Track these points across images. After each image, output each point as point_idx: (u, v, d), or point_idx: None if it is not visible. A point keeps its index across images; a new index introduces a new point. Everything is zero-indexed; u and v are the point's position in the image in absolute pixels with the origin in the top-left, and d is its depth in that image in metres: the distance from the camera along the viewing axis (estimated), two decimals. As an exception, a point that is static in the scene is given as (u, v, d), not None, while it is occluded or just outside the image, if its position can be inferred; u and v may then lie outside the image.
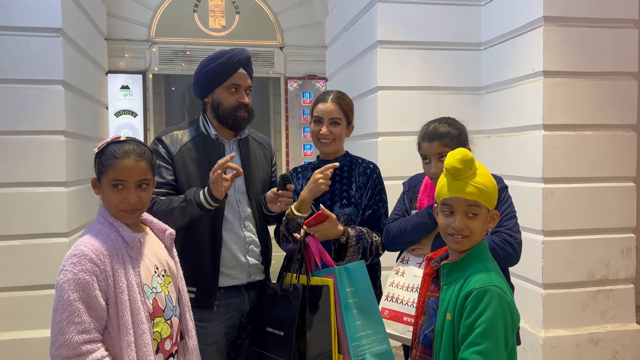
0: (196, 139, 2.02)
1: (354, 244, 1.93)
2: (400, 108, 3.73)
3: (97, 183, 1.49)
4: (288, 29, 7.50)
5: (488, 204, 1.43)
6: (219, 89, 2.01)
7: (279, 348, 1.75)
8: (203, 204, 1.83)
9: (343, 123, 2.09)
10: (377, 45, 3.72)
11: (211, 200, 1.83)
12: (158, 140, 2.02)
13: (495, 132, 3.69)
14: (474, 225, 1.42)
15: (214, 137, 2.03)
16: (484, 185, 1.42)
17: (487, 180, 1.43)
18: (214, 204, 1.84)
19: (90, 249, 1.37)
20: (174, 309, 1.55)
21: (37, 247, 3.31)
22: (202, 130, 2.05)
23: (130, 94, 7.28)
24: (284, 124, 7.60)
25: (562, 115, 3.19)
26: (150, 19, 7.20)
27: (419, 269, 1.96)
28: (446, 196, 1.44)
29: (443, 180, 1.47)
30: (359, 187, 2.08)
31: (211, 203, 1.84)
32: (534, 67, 3.23)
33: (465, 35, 3.79)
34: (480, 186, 1.41)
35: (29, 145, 3.28)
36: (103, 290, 1.37)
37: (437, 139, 1.92)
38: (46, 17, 3.28)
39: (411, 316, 1.88)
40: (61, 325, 1.31)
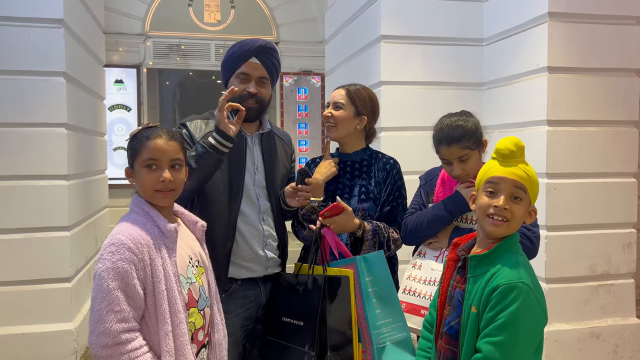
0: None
1: (370, 238, 1.93)
2: (403, 103, 3.74)
3: (129, 171, 1.49)
4: (283, 24, 7.47)
5: (532, 194, 1.42)
6: (232, 78, 2.02)
7: (299, 338, 1.76)
8: (214, 145, 1.81)
9: (348, 110, 2.06)
10: (380, 39, 3.72)
11: (221, 137, 1.81)
12: (182, 125, 1.99)
13: (497, 127, 3.71)
14: (517, 210, 1.39)
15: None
16: (532, 174, 1.42)
17: (533, 172, 1.43)
18: (224, 142, 1.81)
19: (128, 238, 1.36)
20: (206, 300, 1.55)
21: (38, 241, 3.26)
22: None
23: (124, 88, 7.23)
24: (279, 119, 7.58)
25: (566, 111, 3.21)
26: (144, 13, 7.13)
27: (436, 263, 1.96)
28: (494, 175, 1.42)
29: (490, 162, 1.46)
30: (377, 182, 2.07)
31: (221, 141, 1.81)
32: (538, 62, 3.25)
33: (469, 30, 3.81)
34: (529, 173, 1.41)
35: (30, 137, 3.23)
36: (141, 279, 1.36)
37: (455, 142, 1.89)
38: (48, 7, 3.23)
39: (428, 309, 1.89)
40: (101, 314, 1.31)
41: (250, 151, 2.02)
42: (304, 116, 7.65)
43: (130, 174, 1.50)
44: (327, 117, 2.09)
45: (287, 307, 1.87)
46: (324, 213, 1.84)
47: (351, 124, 2.08)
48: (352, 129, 2.10)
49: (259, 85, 2.00)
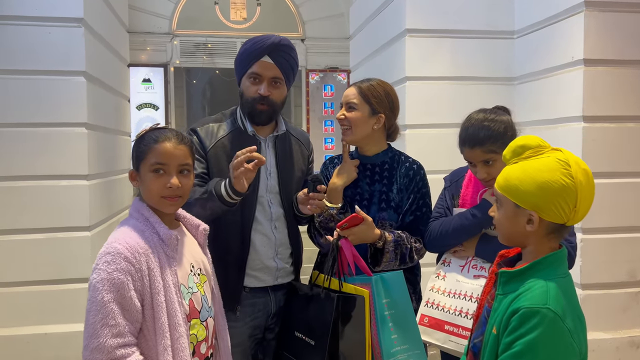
0: (232, 134, 1.89)
1: (391, 250, 1.80)
2: (429, 99, 3.59)
3: (134, 173, 1.41)
4: (309, 21, 7.39)
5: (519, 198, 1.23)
6: (243, 77, 1.89)
7: (310, 357, 1.65)
8: (224, 197, 1.69)
9: (362, 109, 1.89)
10: (405, 34, 3.59)
11: (233, 193, 1.69)
12: (193, 130, 1.89)
13: (530, 124, 3.53)
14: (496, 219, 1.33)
15: (251, 134, 1.90)
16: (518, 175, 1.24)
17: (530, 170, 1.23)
18: (235, 197, 1.70)
19: (125, 247, 1.29)
20: (209, 310, 1.46)
21: (59, 241, 3.26)
22: (238, 124, 1.91)
23: (151, 87, 7.28)
24: (305, 117, 7.51)
25: (603, 107, 3.02)
26: (171, 12, 7.15)
27: (461, 274, 1.82)
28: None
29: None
30: (400, 189, 1.91)
31: (232, 197, 1.69)
32: (573, 55, 3.07)
33: (499, 22, 3.63)
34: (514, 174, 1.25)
35: (51, 137, 3.22)
36: (138, 291, 1.28)
37: (478, 145, 1.75)
38: (68, 6, 3.21)
39: (453, 325, 1.75)
40: (95, 328, 1.23)
41: (263, 155, 1.91)
42: (330, 113, 7.56)
43: (135, 177, 1.42)
44: (340, 120, 1.95)
45: (300, 321, 1.76)
46: (342, 224, 1.71)
47: (367, 125, 1.91)
48: (369, 130, 1.93)
49: (271, 87, 1.86)
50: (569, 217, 1.21)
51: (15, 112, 3.18)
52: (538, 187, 1.20)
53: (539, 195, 1.20)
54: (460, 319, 1.75)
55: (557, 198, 1.19)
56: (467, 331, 1.72)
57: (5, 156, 3.18)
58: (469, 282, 1.79)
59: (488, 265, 1.80)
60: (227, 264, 1.82)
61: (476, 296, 1.75)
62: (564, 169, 1.20)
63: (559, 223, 1.22)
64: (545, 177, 1.19)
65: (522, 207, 1.23)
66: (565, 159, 1.22)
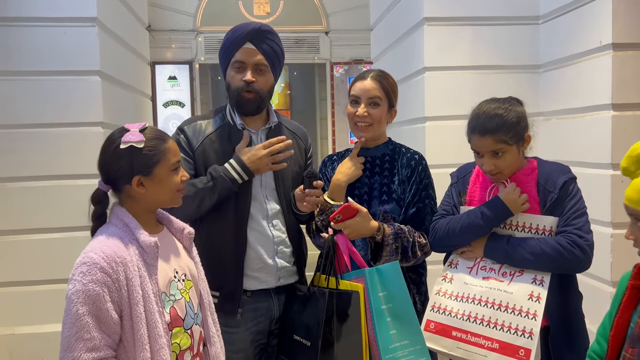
0: (221, 129, 1.85)
1: (390, 242, 1.71)
2: (450, 90, 3.46)
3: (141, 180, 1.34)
4: (333, 13, 7.29)
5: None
6: (228, 68, 1.84)
7: (306, 358, 1.58)
8: (236, 179, 1.73)
9: (384, 105, 1.85)
10: (423, 22, 3.46)
11: (246, 175, 1.73)
12: (180, 130, 1.86)
13: (555, 114, 3.36)
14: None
15: (240, 127, 1.85)
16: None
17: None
18: (247, 178, 1.74)
19: (101, 257, 1.24)
20: (195, 317, 1.41)
21: (76, 240, 3.28)
22: (227, 120, 1.87)
23: (177, 84, 7.35)
24: (330, 111, 7.43)
25: (634, 93, 2.83)
26: (195, 9, 7.18)
27: (469, 276, 1.71)
28: None
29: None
30: (401, 180, 1.84)
31: (244, 178, 1.73)
32: (601, 39, 2.89)
33: (522, 7, 3.46)
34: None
35: (67, 137, 3.24)
36: (116, 302, 1.24)
37: (490, 133, 1.64)
38: (82, 6, 3.23)
39: (461, 330, 1.64)
40: (69, 342, 1.21)
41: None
42: (351, 106, 7.46)
43: (141, 183, 1.35)
44: (362, 117, 1.84)
45: (299, 324, 1.70)
46: (335, 216, 1.64)
47: (385, 120, 1.88)
48: (385, 125, 1.90)
49: (255, 73, 1.79)
50: None
51: (31, 112, 3.22)
52: None
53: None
54: (469, 324, 1.64)
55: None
56: (476, 337, 1.62)
57: (22, 156, 3.23)
58: (478, 284, 1.68)
59: (497, 266, 1.69)
60: (223, 264, 1.76)
61: (485, 299, 1.64)
62: None
63: None
64: None
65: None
66: None
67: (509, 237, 1.68)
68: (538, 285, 1.60)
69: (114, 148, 1.33)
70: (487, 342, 1.59)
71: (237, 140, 1.83)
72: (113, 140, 1.35)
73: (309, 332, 1.62)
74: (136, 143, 1.32)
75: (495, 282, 1.66)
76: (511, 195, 1.66)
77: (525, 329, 1.55)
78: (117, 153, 1.32)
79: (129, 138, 1.32)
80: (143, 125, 1.36)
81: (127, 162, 1.32)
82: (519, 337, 1.55)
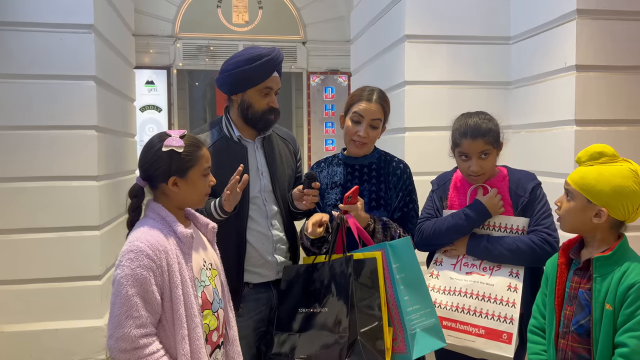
0: (219, 142, 2.00)
1: (380, 231, 1.90)
2: (428, 103, 3.70)
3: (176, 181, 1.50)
4: (311, 24, 7.49)
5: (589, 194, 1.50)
6: (251, 90, 1.97)
7: (325, 324, 1.72)
8: (214, 215, 1.87)
9: (380, 126, 2.02)
10: (404, 39, 3.70)
11: (221, 212, 1.86)
12: None
13: (524, 127, 3.65)
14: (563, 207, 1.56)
15: (237, 139, 2.01)
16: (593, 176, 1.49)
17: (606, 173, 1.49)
18: (224, 216, 1.88)
19: (147, 245, 1.39)
20: (220, 302, 1.58)
21: (70, 240, 3.37)
22: (224, 133, 2.02)
23: (155, 89, 7.38)
24: (306, 119, 7.62)
25: (595, 111, 3.13)
26: (174, 15, 7.25)
27: (454, 272, 1.93)
28: None
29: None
30: (389, 187, 2.02)
31: (221, 215, 1.87)
32: (566, 61, 3.18)
33: (495, 28, 3.74)
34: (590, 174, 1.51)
35: (62, 140, 3.34)
36: (159, 285, 1.39)
37: (481, 136, 1.86)
38: (79, 13, 3.33)
39: (451, 320, 1.86)
40: (120, 319, 1.35)
41: (252, 157, 2.02)
42: (330, 115, 7.67)
43: (175, 183, 1.50)
44: (362, 138, 1.97)
45: (304, 298, 1.83)
46: (348, 196, 1.82)
47: (377, 137, 2.05)
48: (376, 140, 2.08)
49: (275, 98, 2.02)
50: (630, 216, 1.51)
51: (28, 114, 3.30)
52: (612, 189, 1.47)
53: (612, 195, 1.48)
54: (457, 314, 1.86)
55: (626, 200, 1.48)
56: (464, 325, 1.84)
57: (20, 158, 3.30)
58: (462, 278, 1.91)
59: (478, 262, 1.91)
60: (225, 263, 1.90)
61: (470, 291, 1.87)
62: (635, 177, 1.49)
63: (620, 220, 1.51)
64: (619, 182, 1.47)
65: (594, 203, 1.50)
66: (635, 169, 1.50)
67: (488, 236, 1.92)
68: (514, 277, 1.84)
69: (156, 150, 1.48)
70: (474, 329, 1.82)
71: (234, 151, 1.99)
72: (155, 143, 1.50)
73: (323, 300, 1.75)
74: (177, 148, 1.47)
75: (478, 276, 1.89)
76: (492, 200, 1.89)
77: (507, 315, 1.79)
78: (158, 154, 1.48)
79: (171, 142, 1.47)
80: (183, 133, 1.52)
81: (166, 163, 1.48)
82: (501, 323, 1.79)
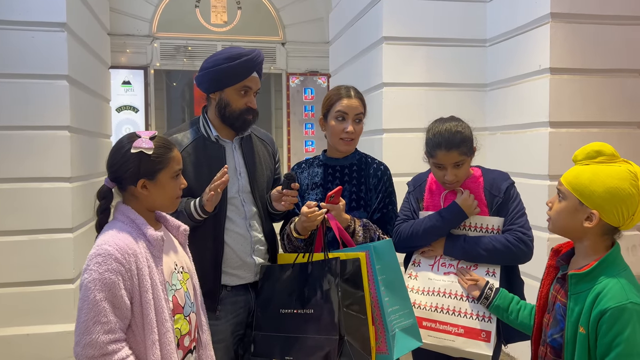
0: (196, 141, 1.97)
1: (360, 232, 1.90)
2: (406, 104, 3.73)
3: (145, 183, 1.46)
4: (290, 25, 7.48)
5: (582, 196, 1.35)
6: (229, 89, 1.95)
7: (312, 326, 1.71)
8: (194, 215, 1.84)
9: (363, 121, 2.03)
10: (382, 41, 3.71)
11: (202, 212, 1.84)
12: None
13: (500, 129, 3.69)
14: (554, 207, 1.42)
15: (215, 139, 1.98)
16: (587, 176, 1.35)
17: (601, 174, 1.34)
18: (204, 215, 1.85)
19: (115, 248, 1.36)
20: (192, 305, 1.55)
21: (42, 243, 3.30)
22: (202, 132, 1.99)
23: (131, 89, 7.28)
24: (286, 120, 7.60)
25: (569, 113, 3.18)
26: (152, 14, 7.17)
27: (432, 272, 1.94)
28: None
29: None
30: (369, 189, 2.02)
31: (201, 215, 1.84)
32: (540, 64, 3.23)
33: (471, 31, 3.78)
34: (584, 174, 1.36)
35: (34, 140, 3.27)
36: (128, 290, 1.36)
37: (455, 147, 1.85)
38: (51, 12, 3.28)
39: (430, 320, 1.86)
40: (87, 325, 1.31)
41: (230, 158, 1.99)
42: (310, 116, 7.66)
43: (145, 186, 1.47)
44: (350, 133, 1.98)
45: (286, 299, 1.82)
46: (331, 196, 1.82)
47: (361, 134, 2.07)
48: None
49: (254, 98, 1.99)
50: (625, 222, 1.35)
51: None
52: (606, 191, 1.32)
53: (605, 198, 1.32)
54: (437, 314, 1.86)
55: (621, 204, 1.32)
56: (444, 325, 1.84)
57: (-10, 159, 3.22)
58: (440, 278, 1.91)
59: (455, 262, 1.92)
60: (202, 265, 1.88)
61: (449, 291, 1.87)
62: (633, 180, 1.33)
63: (614, 226, 1.36)
64: (615, 184, 1.32)
65: (586, 205, 1.35)
66: (634, 171, 1.35)
67: (465, 236, 1.92)
68: (491, 276, 1.85)
69: (125, 151, 1.45)
70: (453, 329, 1.82)
71: (212, 151, 1.96)
72: (124, 144, 1.46)
73: (309, 301, 1.75)
74: (146, 149, 1.44)
75: (455, 276, 1.89)
76: (467, 201, 1.90)
77: (485, 314, 1.80)
78: (127, 156, 1.44)
79: (140, 144, 1.44)
80: (153, 134, 1.48)
81: (134, 165, 1.44)
82: (480, 321, 1.80)
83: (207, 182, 1.87)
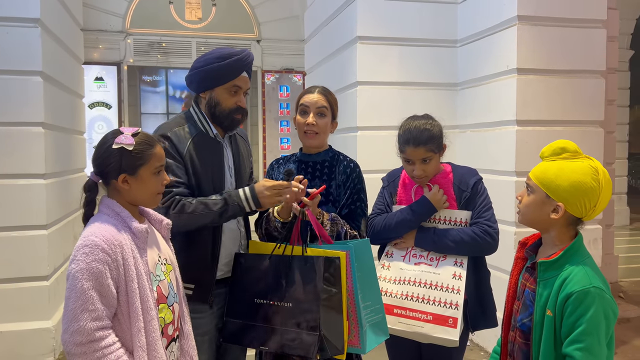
0: (197, 137, 2.00)
1: (328, 226, 1.96)
2: (380, 103, 3.81)
3: (126, 178, 1.50)
4: (265, 22, 7.51)
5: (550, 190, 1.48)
6: (219, 88, 1.99)
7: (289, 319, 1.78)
8: (245, 208, 1.90)
9: (329, 116, 2.08)
10: (356, 40, 3.79)
11: (255, 206, 1.90)
12: (164, 137, 1.95)
13: (470, 127, 3.81)
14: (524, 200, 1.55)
15: (214, 136, 2.03)
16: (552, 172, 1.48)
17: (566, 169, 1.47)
18: (255, 208, 1.92)
19: (102, 239, 1.40)
20: (175, 296, 1.60)
21: (16, 240, 3.28)
22: (200, 128, 2.03)
23: (104, 85, 7.22)
24: (261, 117, 7.64)
25: (534, 111, 3.32)
26: (125, 10, 7.12)
27: (404, 263, 2.04)
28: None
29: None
30: (338, 185, 2.09)
31: (252, 208, 1.91)
32: (508, 64, 3.35)
33: (443, 32, 3.89)
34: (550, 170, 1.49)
35: (7, 137, 3.24)
36: (114, 279, 1.41)
37: (422, 144, 1.97)
38: (25, 7, 3.25)
39: (401, 307, 1.97)
40: (75, 313, 1.35)
41: (225, 154, 2.06)
42: (285, 114, 7.71)
43: (126, 181, 1.51)
44: (310, 125, 2.05)
45: (262, 288, 1.88)
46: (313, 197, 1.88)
47: (328, 130, 2.12)
48: (328, 134, 2.14)
49: (244, 98, 2.04)
50: (587, 213, 1.49)
51: (-29, 111, 3.19)
52: (571, 185, 1.46)
53: (570, 191, 1.46)
54: (407, 302, 1.97)
55: (584, 196, 1.46)
56: (413, 312, 1.95)
57: (-39, 155, 3.18)
58: (412, 268, 2.02)
59: (425, 253, 2.03)
60: (201, 260, 1.94)
61: (419, 280, 1.98)
62: (594, 174, 1.46)
63: (577, 217, 1.50)
64: (578, 178, 1.46)
65: (552, 198, 1.48)
66: (595, 166, 1.48)
67: (434, 229, 2.03)
68: (459, 266, 1.97)
69: (108, 146, 1.50)
70: (422, 316, 1.94)
71: (212, 147, 2.01)
72: (108, 139, 1.51)
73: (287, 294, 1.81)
74: (127, 145, 1.49)
75: (425, 266, 2.00)
76: (436, 196, 2.01)
77: (452, 302, 1.92)
78: (110, 151, 1.49)
79: (122, 140, 1.49)
80: (136, 130, 1.53)
81: (116, 160, 1.49)
82: (447, 309, 1.92)
83: (211, 176, 1.95)
